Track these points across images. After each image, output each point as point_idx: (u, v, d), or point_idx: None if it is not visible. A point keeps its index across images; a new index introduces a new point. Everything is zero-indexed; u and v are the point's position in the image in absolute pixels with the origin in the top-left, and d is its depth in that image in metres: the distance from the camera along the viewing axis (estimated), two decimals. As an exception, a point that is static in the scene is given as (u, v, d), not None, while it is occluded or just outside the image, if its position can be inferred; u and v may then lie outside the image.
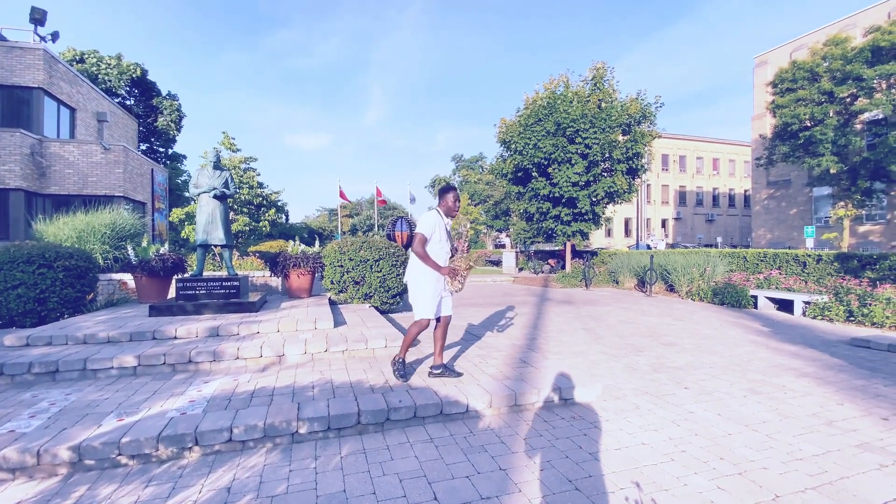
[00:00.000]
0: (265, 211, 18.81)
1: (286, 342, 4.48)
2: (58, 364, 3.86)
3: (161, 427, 2.80)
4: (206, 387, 3.62)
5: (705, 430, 3.19)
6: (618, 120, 14.69)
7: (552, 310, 8.89)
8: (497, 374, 3.94)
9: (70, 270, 6.03)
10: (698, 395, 3.88)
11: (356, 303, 7.34)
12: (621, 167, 14.90)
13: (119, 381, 3.83)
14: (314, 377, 3.85)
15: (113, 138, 16.60)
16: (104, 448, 2.61)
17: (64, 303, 5.94)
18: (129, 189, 13.71)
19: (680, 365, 4.84)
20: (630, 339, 6.08)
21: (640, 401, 3.74)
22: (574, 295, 11.84)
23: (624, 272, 13.95)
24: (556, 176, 14.86)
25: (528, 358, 4.55)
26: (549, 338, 6.13)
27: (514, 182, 16.78)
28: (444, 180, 53.12)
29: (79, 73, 15.09)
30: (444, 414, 3.24)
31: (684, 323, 7.44)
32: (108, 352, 4.13)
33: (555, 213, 15.55)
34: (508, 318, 7.83)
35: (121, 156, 13.33)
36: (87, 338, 4.51)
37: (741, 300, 9.42)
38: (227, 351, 4.21)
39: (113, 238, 8.35)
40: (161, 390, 3.55)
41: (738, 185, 43.98)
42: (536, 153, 14.88)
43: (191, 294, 5.87)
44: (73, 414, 3.06)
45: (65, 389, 3.60)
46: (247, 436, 2.83)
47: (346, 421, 3.02)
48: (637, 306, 9.52)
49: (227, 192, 6.23)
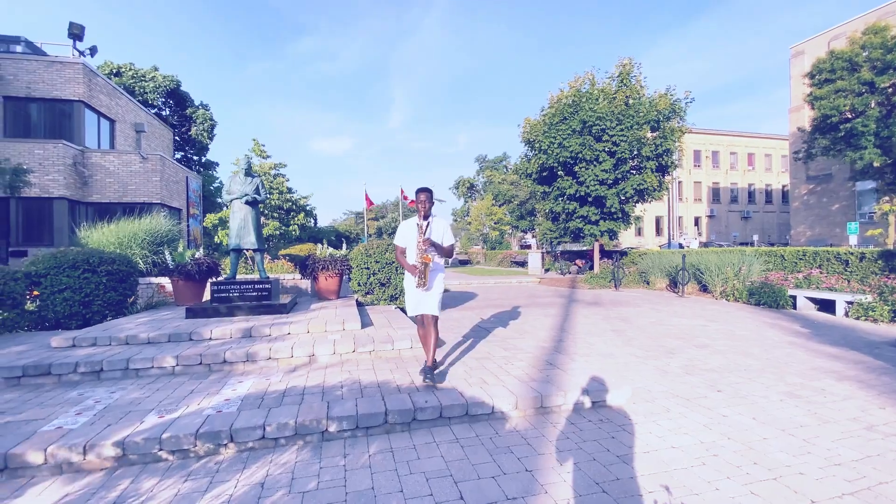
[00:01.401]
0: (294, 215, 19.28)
1: (316, 343, 4.59)
2: (102, 364, 4.08)
3: (199, 424, 2.93)
4: (240, 386, 3.76)
5: (739, 434, 3.11)
6: (646, 116, 14.37)
7: (580, 311, 8.80)
8: (523, 376, 3.93)
9: (113, 275, 6.35)
10: (732, 399, 3.78)
11: (382, 304, 7.44)
12: (651, 164, 14.56)
13: (159, 380, 4.02)
14: (342, 377, 3.94)
15: (150, 148, 17.36)
16: (146, 444, 2.76)
17: (107, 305, 6.26)
18: (165, 196, 14.31)
19: (713, 367, 4.71)
20: (661, 341, 5.97)
21: (671, 404, 3.67)
22: (602, 296, 11.66)
23: (655, 272, 13.65)
24: (582, 175, 14.65)
25: (554, 360, 4.52)
26: (576, 340, 6.07)
27: (540, 182, 16.63)
28: (468, 181, 53.15)
29: (117, 86, 15.85)
30: (469, 415, 3.26)
31: (718, 324, 7.24)
32: (149, 352, 4.34)
33: (582, 212, 15.33)
34: (534, 319, 7.78)
35: (158, 164, 13.93)
36: (129, 339, 4.74)
37: (779, 300, 9.08)
38: (260, 352, 4.36)
39: (152, 244, 8.75)
40: (198, 389, 3.70)
41: (775, 181, 42.29)
42: (562, 152, 14.71)
43: (225, 297, 6.09)
44: (117, 411, 3.24)
45: (109, 388, 3.80)
46: (279, 433, 2.93)
47: (374, 420, 3.08)
48: (669, 307, 9.32)
49: (258, 197, 6.44)
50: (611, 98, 14.73)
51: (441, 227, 3.88)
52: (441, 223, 3.90)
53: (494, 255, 30.76)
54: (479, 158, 56.83)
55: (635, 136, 14.13)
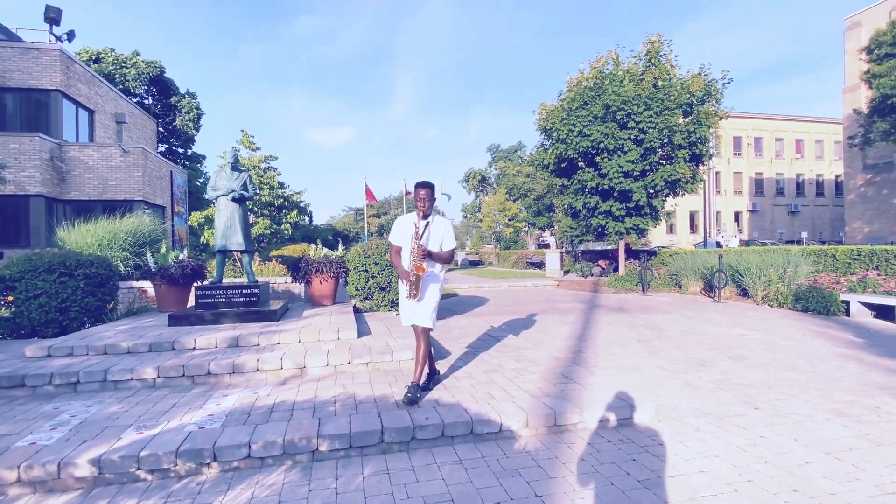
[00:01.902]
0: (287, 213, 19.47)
1: (308, 353, 4.65)
2: (79, 375, 4.18)
3: (180, 441, 3.00)
4: (224, 400, 3.83)
5: (777, 457, 3.09)
6: (677, 100, 14.27)
7: (602, 318, 8.78)
8: (535, 391, 3.94)
9: (90, 279, 6.49)
10: (771, 417, 3.75)
11: (383, 311, 7.50)
12: (683, 153, 14.45)
13: (139, 393, 4.11)
14: (336, 391, 3.99)
15: (132, 140, 17.68)
16: (123, 462, 2.83)
17: (85, 312, 6.40)
18: (148, 193, 14.56)
19: (750, 382, 4.68)
20: (692, 353, 5.94)
21: (701, 423, 3.65)
22: (628, 301, 11.60)
23: (688, 274, 13.56)
24: (605, 166, 14.59)
25: (571, 373, 4.53)
26: (596, 350, 6.07)
27: (558, 174, 16.59)
28: (479, 174, 53.21)
29: (96, 74, 16.17)
30: (474, 433, 3.29)
31: (758, 333, 7.18)
32: (128, 363, 4.44)
33: (605, 207, 15.25)
34: (550, 327, 7.78)
35: (140, 158, 14.19)
36: (108, 348, 4.85)
37: (829, 306, 8.95)
38: (247, 363, 4.43)
39: (133, 245, 8.92)
40: (180, 403, 3.78)
41: (826, 170, 41.60)
42: (582, 141, 14.66)
43: (210, 303, 6.19)
44: (94, 426, 3.32)
45: (86, 401, 3.90)
46: (265, 452, 2.99)
47: (369, 439, 3.12)
48: (702, 314, 9.25)
49: (246, 194, 6.53)
50: (637, 80, 14.65)
51: (441, 230, 3.86)
52: (442, 225, 3.88)
53: (508, 256, 30.74)
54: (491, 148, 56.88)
55: (665, 123, 14.03)
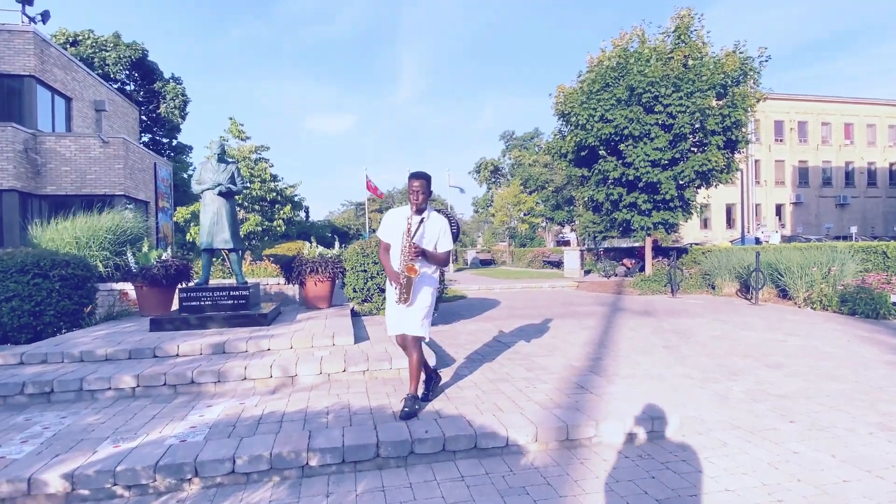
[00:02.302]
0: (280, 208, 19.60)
1: (299, 360, 4.70)
2: (53, 384, 4.26)
3: (159, 455, 3.05)
4: (208, 411, 3.88)
5: (812, 475, 3.07)
6: (710, 80, 14.15)
7: (625, 322, 8.79)
8: (546, 402, 3.96)
9: (66, 280, 6.60)
10: (808, 431, 3.73)
11: (383, 314, 7.54)
12: (716, 140, 14.33)
13: (116, 403, 4.17)
14: (329, 401, 4.02)
15: (112, 129, 17.90)
16: (98, 477, 2.88)
17: (60, 316, 6.51)
18: (130, 187, 14.74)
19: (786, 392, 4.65)
20: (724, 360, 5.93)
21: (729, 437, 3.65)
22: (655, 304, 11.56)
23: (722, 274, 13.50)
24: (630, 154, 14.52)
25: (587, 382, 4.54)
26: (617, 358, 6.08)
27: (577, 163, 16.55)
28: (491, 164, 53.14)
29: (73, 58, 16.39)
30: (478, 448, 3.31)
31: (799, 339, 7.13)
32: (106, 371, 4.51)
33: (630, 200, 15.19)
34: (567, 333, 7.80)
35: (121, 149, 14.36)
36: (84, 355, 4.94)
37: (878, 309, 8.85)
38: (234, 370, 4.49)
39: (114, 243, 9.04)
40: (161, 414, 3.84)
41: (879, 157, 40.98)
42: (604, 127, 14.60)
43: (195, 305, 6.28)
44: (68, 439, 3.39)
45: (60, 412, 3.97)
46: (251, 467, 3.03)
47: (364, 453, 3.15)
48: (737, 317, 9.21)
49: (234, 188, 6.60)
50: (665, 58, 14.54)
51: (437, 228, 3.81)
52: (438, 222, 3.82)
53: (523, 254, 30.72)
54: (505, 136, 56.81)
55: (697, 106, 13.93)
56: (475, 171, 55.19)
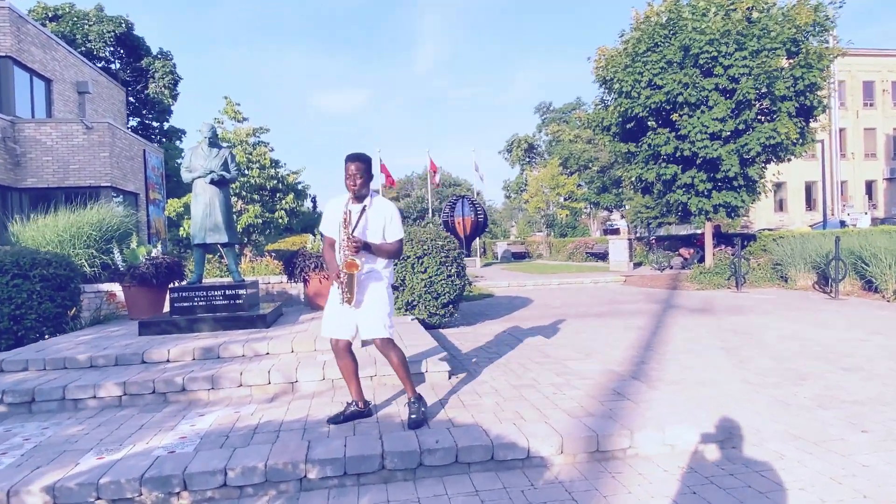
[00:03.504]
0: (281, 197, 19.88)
1: (301, 365, 4.85)
2: (34, 393, 4.50)
3: (145, 467, 3.21)
4: (200, 420, 4.05)
5: (881, 491, 3.06)
6: (779, 36, 13.84)
7: (678, 322, 8.78)
8: (576, 410, 4.00)
9: (49, 281, 6.90)
10: (881, 442, 3.70)
11: (395, 314, 7.67)
12: (787, 106, 14.00)
13: (102, 412, 4.39)
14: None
15: (96, 114, 18.48)
16: (81, 490, 3.06)
17: (43, 320, 6.81)
18: (117, 177, 15.22)
19: (860, 399, 4.61)
20: (790, 363, 5.90)
21: (788, 448, 3.64)
22: (715, 300, 11.46)
23: (795, 264, 13.28)
24: (684, 125, 14.33)
25: (625, 389, 4.57)
26: (664, 361, 6.09)
27: (622, 138, 16.41)
28: (525, 141, 52.95)
29: (53, 35, 16.95)
30: (495, 460, 3.38)
31: (883, 338, 7.03)
32: (91, 378, 4.73)
33: (685, 179, 15.00)
34: (608, 334, 7.82)
35: (106, 135, 14.84)
36: (68, 362, 5.18)
37: (982, 301, 8.57)
38: (228, 376, 4.66)
39: (100, 240, 9.38)
40: (148, 424, 4.03)
41: None
42: (653, 94, 14.43)
43: (187, 307, 6.50)
44: (50, 451, 3.59)
45: (41, 422, 4.20)
46: (244, 480, 3.16)
47: (367, 465, 3.26)
48: (812, 314, 9.09)
49: (228, 175, 6.79)
50: (725, 11, 14.25)
51: (382, 215, 3.79)
52: (383, 209, 3.81)
53: (563, 245, 30.57)
54: (540, 108, 56.48)
55: (763, 67, 13.64)
56: (506, 149, 55.06)
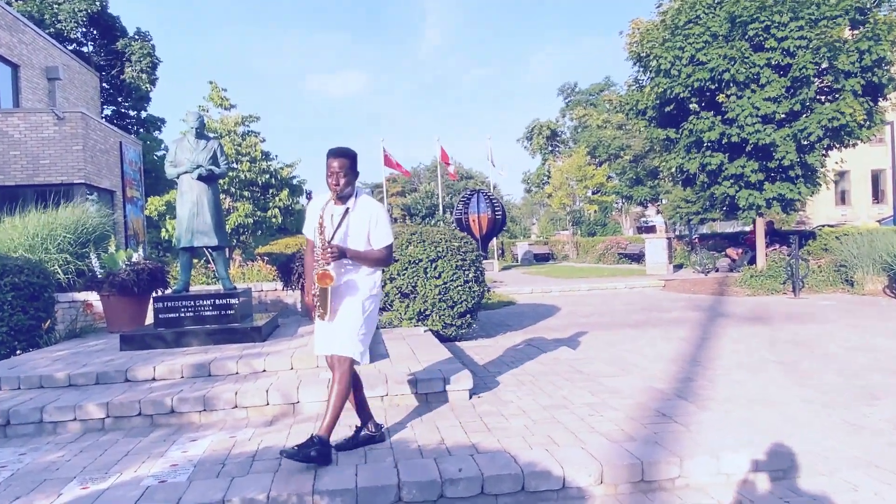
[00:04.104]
0: (275, 194, 20.07)
1: (302, 384, 4.90)
2: (8, 415, 4.58)
3: (134, 498, 3.27)
4: (192, 446, 4.11)
5: (969, 524, 3.04)
6: (841, 3, 13.76)
7: (727, 332, 8.76)
8: (616, 434, 4.01)
9: (20, 290, 7.03)
10: (968, 469, 3.67)
11: (406, 325, 7.72)
12: (852, 83, 13.89)
13: (84, 437, 4.46)
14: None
15: (68, 102, 18.73)
16: (65, 523, 3.13)
17: (15, 333, 6.94)
18: (91, 173, 15.41)
19: (941, 419, 4.58)
20: (860, 379, 5.87)
21: (862, 478, 3.63)
22: (770, 307, 11.40)
23: (863, 265, 13.17)
24: (731, 107, 14.30)
25: (670, 409, 4.57)
26: (713, 377, 6.08)
27: (660, 123, 16.39)
28: (547, 127, 52.94)
29: (19, 16, 17.21)
30: (526, 490, 3.40)
31: (962, 349, 6.95)
32: (70, 398, 4.82)
33: (733, 169, 14.97)
34: (647, 346, 7.82)
35: (79, 126, 15.03)
36: (44, 380, 5.28)
37: None
38: (222, 397, 4.72)
39: (75, 244, 9.52)
40: (136, 450, 4.09)
41: None
42: (696, 72, 14.40)
43: (173, 318, 6.58)
44: (29, 479, 3.66)
45: (17, 448, 4.28)
46: (245, 513, 3.21)
47: (382, 497, 3.30)
48: (882, 322, 9.05)
49: (217, 170, 6.87)
50: (777, -26, 14.20)
51: (366, 218, 3.72)
52: (368, 210, 3.74)
53: (592, 245, 30.53)
54: (564, 89, 56.43)
55: (823, 39, 13.56)
56: (525, 137, 55.07)
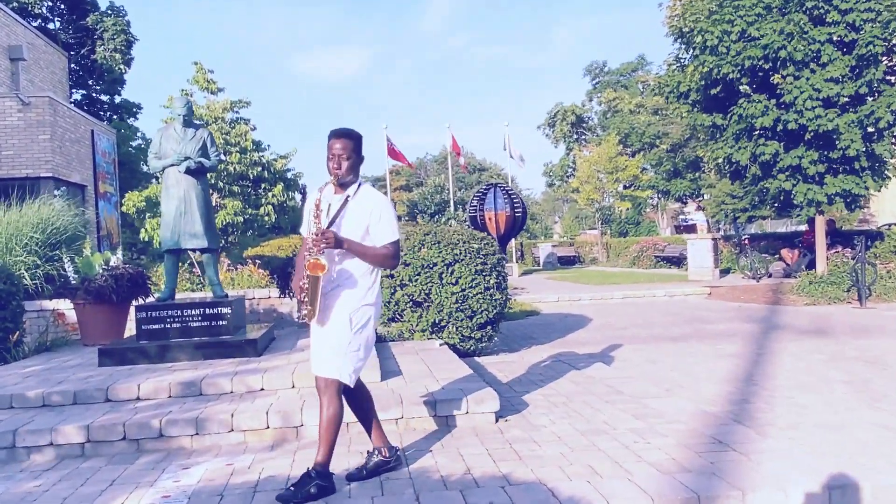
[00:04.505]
0: (267, 189, 20.11)
1: (305, 404, 4.89)
2: (-23, 439, 4.61)
3: (124, 534, 3.28)
4: (185, 474, 4.11)
5: None
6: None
7: (785, 347, 8.73)
8: (666, 464, 4.00)
9: (-15, 297, 7.08)
10: None
11: (418, 337, 7.72)
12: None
13: (61, 464, 4.47)
14: (350, 461, 4.19)
15: (33, 86, 18.86)
16: (47, 562, 3.14)
17: (-21, 347, 6.99)
18: (60, 165, 15.51)
19: None
20: (938, 400, 5.82)
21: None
22: (833, 318, 11.34)
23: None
24: (788, 90, 14.26)
25: (728, 435, 4.55)
26: (772, 399, 6.06)
27: (705, 107, 16.37)
28: (572, 112, 52.87)
29: (-19, -12, 17.31)
30: (566, 527, 3.39)
31: None
32: (45, 420, 4.83)
33: (789, 161, 14.93)
34: (694, 363, 7.78)
35: (46, 113, 15.13)
36: (15, 399, 5.30)
37: None
38: (216, 419, 4.72)
39: (43, 245, 9.57)
40: (121, 479, 4.10)
41: None
42: (747, 48, 14.37)
43: (158, 330, 6.61)
44: (3, 512, 3.68)
45: (-11, 476, 4.30)
46: (249, 551, 3.22)
47: (403, 533, 3.30)
48: (960, 336, 8.94)
49: (207, 162, 6.89)
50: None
51: (367, 209, 3.65)
52: (370, 200, 3.69)
53: (625, 247, 30.47)
54: (591, 69, 56.39)
55: (894, 11, 13.50)
56: (547, 124, 55.04)
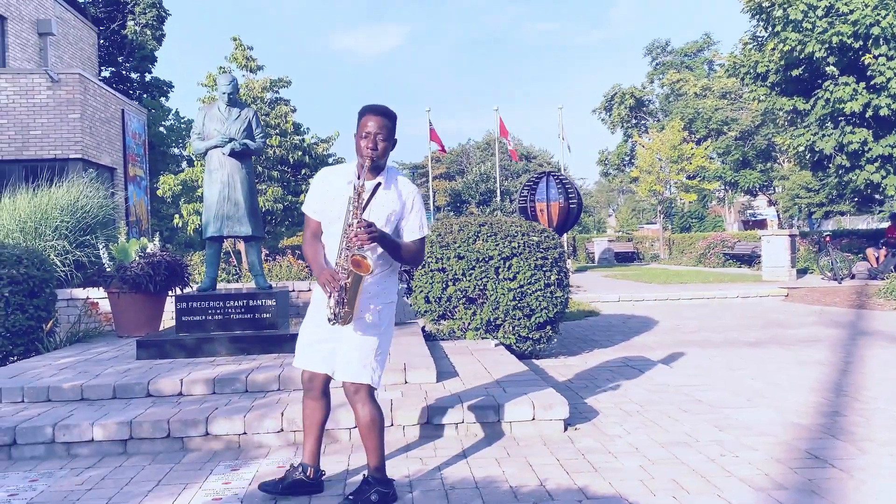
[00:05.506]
0: (308, 174, 20.15)
1: (358, 406, 4.91)
2: (14, 433, 4.69)
3: (175, 538, 3.32)
4: (235, 476, 4.16)
5: None
6: None
7: (875, 354, 8.61)
8: (759, 480, 3.93)
9: (18, 284, 7.22)
10: None
11: (471, 337, 7.70)
12: None
13: (103, 461, 4.55)
14: (410, 467, 4.19)
15: (61, 62, 19.27)
16: (97, 565, 3.19)
17: (12, 336, 7.14)
18: (90, 146, 15.83)
19: None
20: None
21: None
22: (923, 323, 11.05)
23: None
24: (880, 71, 13.93)
25: (824, 450, 4.49)
26: (866, 411, 5.93)
27: (784, 90, 16.08)
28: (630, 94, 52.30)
29: (10, -41, 17.73)
30: (653, 546, 3.34)
31: None
32: (84, 415, 4.92)
33: (879, 149, 14.63)
34: (775, 370, 7.69)
35: (77, 91, 15.44)
36: (52, 392, 5.41)
37: None
38: (266, 417, 4.77)
39: (74, 230, 9.78)
40: (167, 479, 4.16)
41: None
42: (835, 25, 14.05)
43: (198, 321, 6.70)
44: (47, 511, 3.75)
45: (27, 473, 4.38)
46: (308, 561, 3.23)
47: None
48: None
49: (253, 144, 6.95)
50: None
51: (400, 200, 3.54)
52: (405, 188, 3.59)
53: (689, 243, 30.06)
54: (652, 49, 55.75)
55: None
56: (603, 108, 54.55)
